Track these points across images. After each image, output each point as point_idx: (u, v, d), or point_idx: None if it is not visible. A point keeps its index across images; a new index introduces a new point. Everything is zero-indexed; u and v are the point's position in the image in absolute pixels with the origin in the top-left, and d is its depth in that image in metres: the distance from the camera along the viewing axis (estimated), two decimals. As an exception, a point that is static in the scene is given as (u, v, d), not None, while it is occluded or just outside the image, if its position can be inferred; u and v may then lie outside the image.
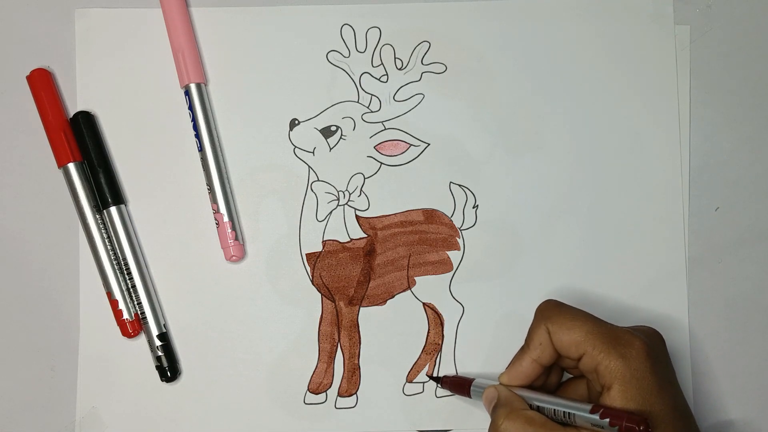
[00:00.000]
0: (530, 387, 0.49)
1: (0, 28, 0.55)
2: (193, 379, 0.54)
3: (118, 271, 0.53)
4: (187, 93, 0.54)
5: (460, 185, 0.56)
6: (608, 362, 0.44)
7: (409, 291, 0.55)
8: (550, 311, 0.47)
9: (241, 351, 0.54)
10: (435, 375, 0.54)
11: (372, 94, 0.56)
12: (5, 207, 0.55)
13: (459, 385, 0.52)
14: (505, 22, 0.56)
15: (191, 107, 0.54)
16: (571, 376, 0.51)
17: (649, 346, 0.45)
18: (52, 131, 0.53)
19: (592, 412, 0.44)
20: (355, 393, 0.54)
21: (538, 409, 0.46)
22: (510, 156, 0.56)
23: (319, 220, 0.55)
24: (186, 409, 0.54)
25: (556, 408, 0.46)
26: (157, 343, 0.53)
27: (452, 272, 0.55)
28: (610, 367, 0.44)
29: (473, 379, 0.51)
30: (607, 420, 0.43)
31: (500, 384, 0.49)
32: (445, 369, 0.54)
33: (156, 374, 0.53)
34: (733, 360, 0.55)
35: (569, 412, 0.45)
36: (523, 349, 0.48)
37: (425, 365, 0.54)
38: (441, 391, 0.54)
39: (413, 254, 0.55)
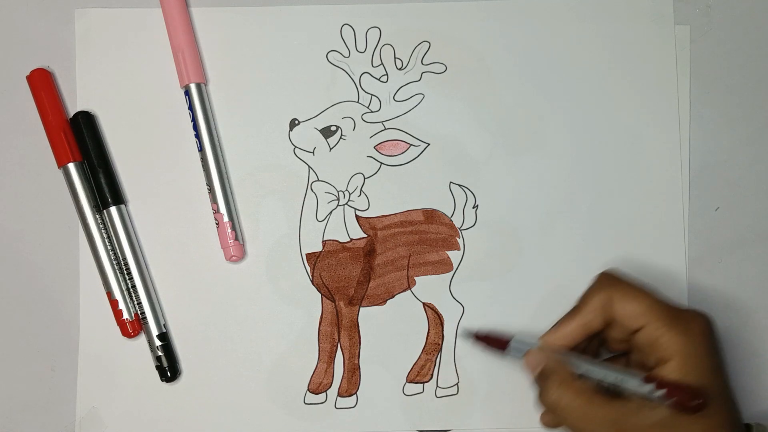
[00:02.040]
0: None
1: (0, 28, 0.55)
2: (193, 379, 0.54)
3: (118, 271, 0.53)
4: (187, 93, 0.54)
5: (460, 185, 0.55)
6: (669, 336, 0.44)
7: (409, 291, 0.55)
8: (615, 279, 0.48)
9: (241, 351, 0.54)
10: (471, 332, 0.53)
11: (372, 94, 0.56)
12: (5, 207, 0.55)
13: (495, 342, 0.51)
14: (505, 22, 0.56)
15: (191, 107, 0.54)
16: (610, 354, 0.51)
17: (710, 325, 0.45)
18: (52, 131, 0.53)
19: (646, 381, 0.44)
20: (355, 393, 0.54)
21: (581, 375, 0.47)
22: (510, 156, 0.56)
23: (319, 220, 0.55)
24: (186, 409, 0.54)
25: (605, 377, 0.46)
26: (157, 343, 0.53)
27: (452, 272, 0.55)
28: (672, 341, 0.44)
29: (513, 336, 0.50)
30: (664, 391, 0.43)
31: (541, 343, 0.49)
32: (445, 369, 0.54)
33: (156, 374, 0.53)
34: (733, 360, 0.55)
35: (619, 380, 0.45)
36: (574, 312, 0.48)
37: (425, 365, 0.54)
38: (441, 391, 0.54)
39: (413, 254, 0.55)
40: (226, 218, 0.54)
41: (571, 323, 0.48)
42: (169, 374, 0.53)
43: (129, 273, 0.53)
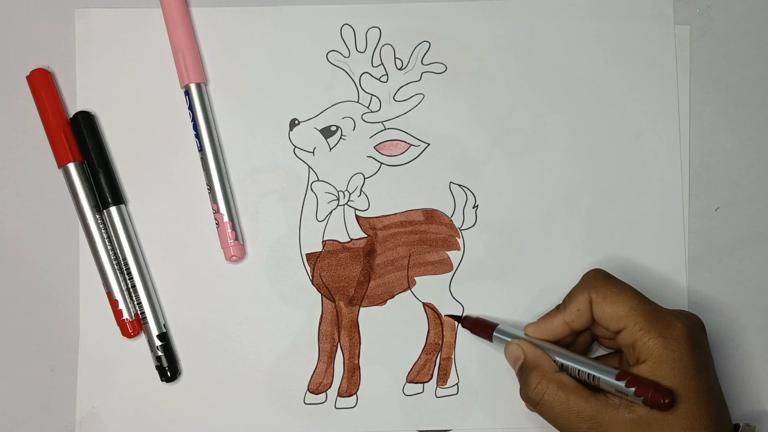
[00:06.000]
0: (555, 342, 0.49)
1: (0, 28, 0.56)
2: (193, 379, 0.54)
3: (118, 271, 0.53)
4: (187, 93, 0.54)
5: (460, 185, 0.56)
6: (647, 339, 0.45)
7: (409, 291, 0.55)
8: (598, 281, 0.48)
9: (241, 351, 0.54)
10: (459, 315, 0.54)
11: (372, 94, 0.56)
12: (5, 207, 0.55)
13: (481, 328, 0.52)
14: (505, 22, 0.56)
15: (191, 107, 0.54)
16: (604, 347, 0.51)
17: (690, 330, 0.45)
18: (52, 131, 0.53)
19: (618, 378, 0.44)
20: (355, 393, 0.54)
21: (562, 367, 0.47)
22: (510, 156, 0.56)
23: (319, 220, 0.55)
24: (186, 409, 0.54)
25: (581, 369, 0.46)
26: (157, 343, 0.53)
27: (452, 272, 0.55)
28: (648, 345, 0.45)
29: (497, 324, 0.51)
30: (633, 389, 0.43)
31: (525, 335, 0.49)
32: (445, 369, 0.54)
33: (156, 374, 0.53)
34: (733, 360, 0.55)
35: (594, 375, 0.45)
36: (558, 309, 0.49)
37: (425, 365, 0.54)
38: (441, 391, 0.54)
39: (413, 254, 0.55)
40: (226, 218, 0.54)
41: (554, 320, 0.49)
42: (169, 374, 0.53)
43: (129, 273, 0.53)
